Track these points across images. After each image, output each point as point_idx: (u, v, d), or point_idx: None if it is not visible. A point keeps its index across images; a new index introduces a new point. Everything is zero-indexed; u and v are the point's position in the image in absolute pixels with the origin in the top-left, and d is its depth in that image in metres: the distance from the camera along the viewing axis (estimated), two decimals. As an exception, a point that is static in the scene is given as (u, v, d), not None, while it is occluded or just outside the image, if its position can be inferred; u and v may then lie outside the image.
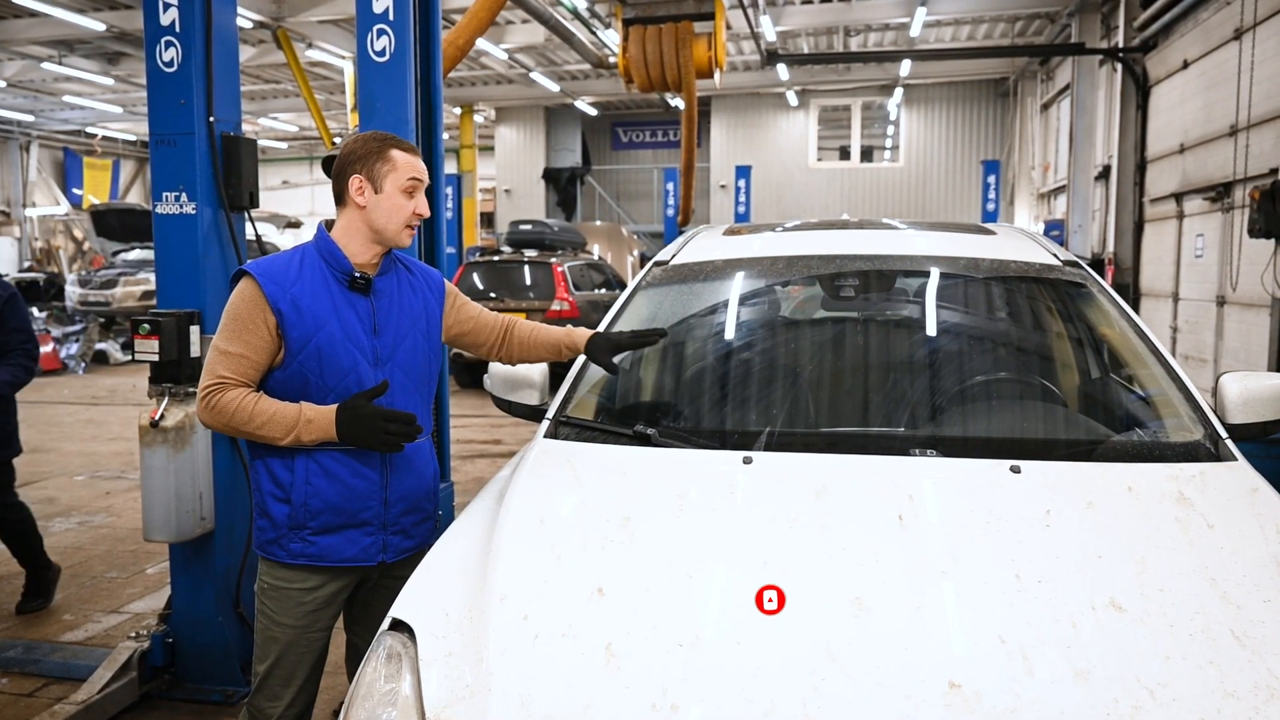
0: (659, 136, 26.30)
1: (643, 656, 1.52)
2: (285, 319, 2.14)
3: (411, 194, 2.23)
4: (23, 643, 4.05)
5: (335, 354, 2.16)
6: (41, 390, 12.46)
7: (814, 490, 1.98)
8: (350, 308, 2.21)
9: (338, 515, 2.21)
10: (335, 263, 2.22)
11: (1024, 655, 1.48)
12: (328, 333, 2.16)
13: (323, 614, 2.29)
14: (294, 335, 2.14)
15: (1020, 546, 1.75)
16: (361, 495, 2.23)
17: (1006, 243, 3.06)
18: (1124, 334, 2.65)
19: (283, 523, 2.22)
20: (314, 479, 2.19)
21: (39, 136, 26.67)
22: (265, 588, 2.28)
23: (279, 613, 2.26)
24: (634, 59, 11.12)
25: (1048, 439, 2.34)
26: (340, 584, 2.29)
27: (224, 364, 2.13)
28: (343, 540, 2.23)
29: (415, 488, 2.33)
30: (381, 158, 2.21)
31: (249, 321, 2.13)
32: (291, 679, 2.28)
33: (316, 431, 2.12)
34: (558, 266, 11.81)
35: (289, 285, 2.16)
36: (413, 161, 2.24)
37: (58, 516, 6.26)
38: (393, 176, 2.20)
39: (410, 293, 2.34)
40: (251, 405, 2.12)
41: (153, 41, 3.40)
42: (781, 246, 3.10)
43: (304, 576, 2.25)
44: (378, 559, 2.28)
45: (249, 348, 2.14)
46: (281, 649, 2.26)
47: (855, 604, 1.59)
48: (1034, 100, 19.59)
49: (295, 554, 2.22)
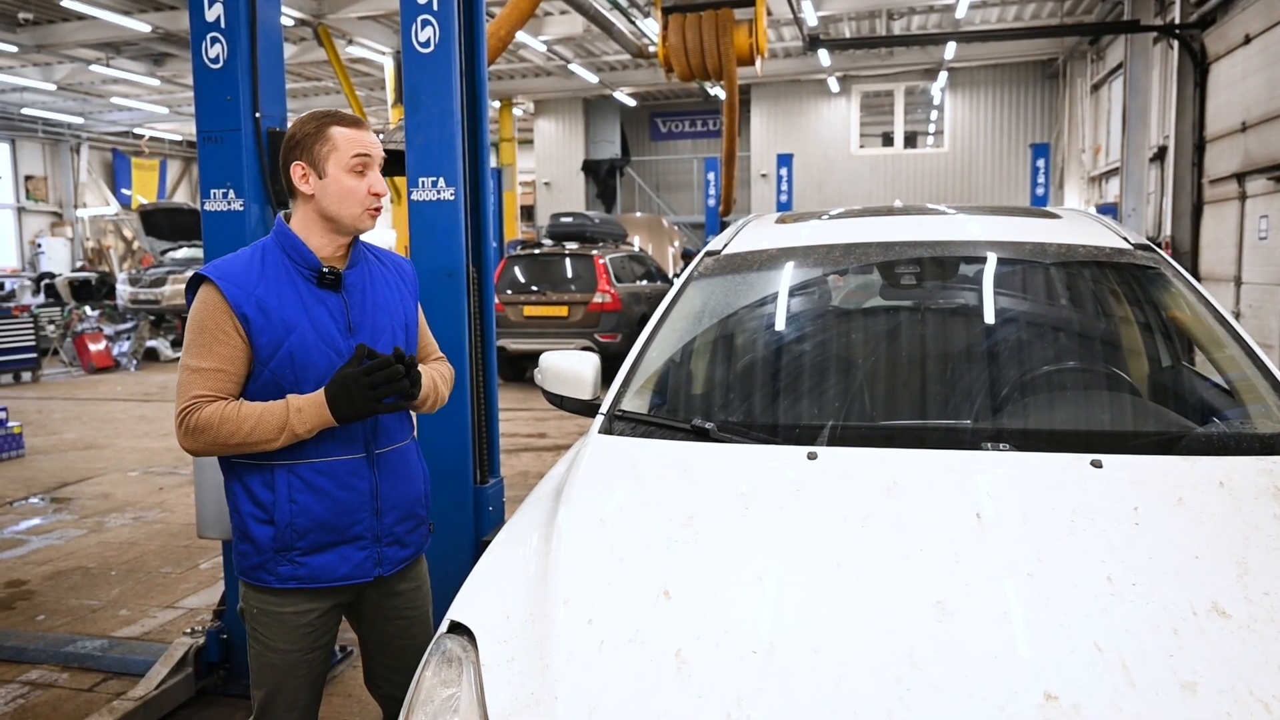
0: (698, 126, 26.15)
1: (714, 664, 1.45)
2: (252, 324, 1.95)
3: (361, 172, 2.01)
4: (81, 638, 4.08)
5: (310, 358, 1.99)
6: (96, 387, 12.70)
7: (884, 487, 1.89)
8: (321, 305, 2.02)
9: (328, 532, 2.04)
10: (300, 258, 2.02)
11: (1123, 664, 1.38)
12: (299, 335, 1.98)
13: (320, 634, 2.14)
14: (262, 341, 1.96)
15: (1110, 547, 1.65)
16: (351, 508, 2.05)
17: (1073, 226, 2.94)
18: (1203, 319, 2.52)
19: (267, 546, 2.03)
20: (298, 495, 2.01)
21: (89, 138, 27.24)
22: (254, 614, 2.10)
23: (273, 639, 2.09)
24: (674, 47, 11.02)
25: (1128, 431, 2.23)
26: (335, 601, 2.14)
27: (198, 383, 1.95)
28: (335, 558, 2.06)
29: (407, 493, 2.17)
30: (320, 138, 1.99)
31: (216, 331, 1.95)
32: (294, 704, 2.14)
33: (310, 419, 1.93)
34: (599, 259, 11.75)
35: (252, 287, 1.97)
36: (355, 136, 2.00)
37: (113, 512, 6.35)
38: (334, 157, 1.99)
39: (384, 285, 2.16)
40: (235, 413, 1.93)
41: (198, 38, 3.39)
42: (837, 233, 3.00)
43: (295, 599, 2.08)
44: (374, 574, 2.11)
45: (222, 359, 1.95)
46: (280, 675, 2.11)
47: (938, 608, 1.50)
48: (1084, 81, 19.14)
49: (284, 578, 2.04)
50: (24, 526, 6.07)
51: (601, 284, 11.51)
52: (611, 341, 11.13)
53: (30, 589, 4.85)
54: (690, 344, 2.80)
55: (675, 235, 19.83)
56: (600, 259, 11.76)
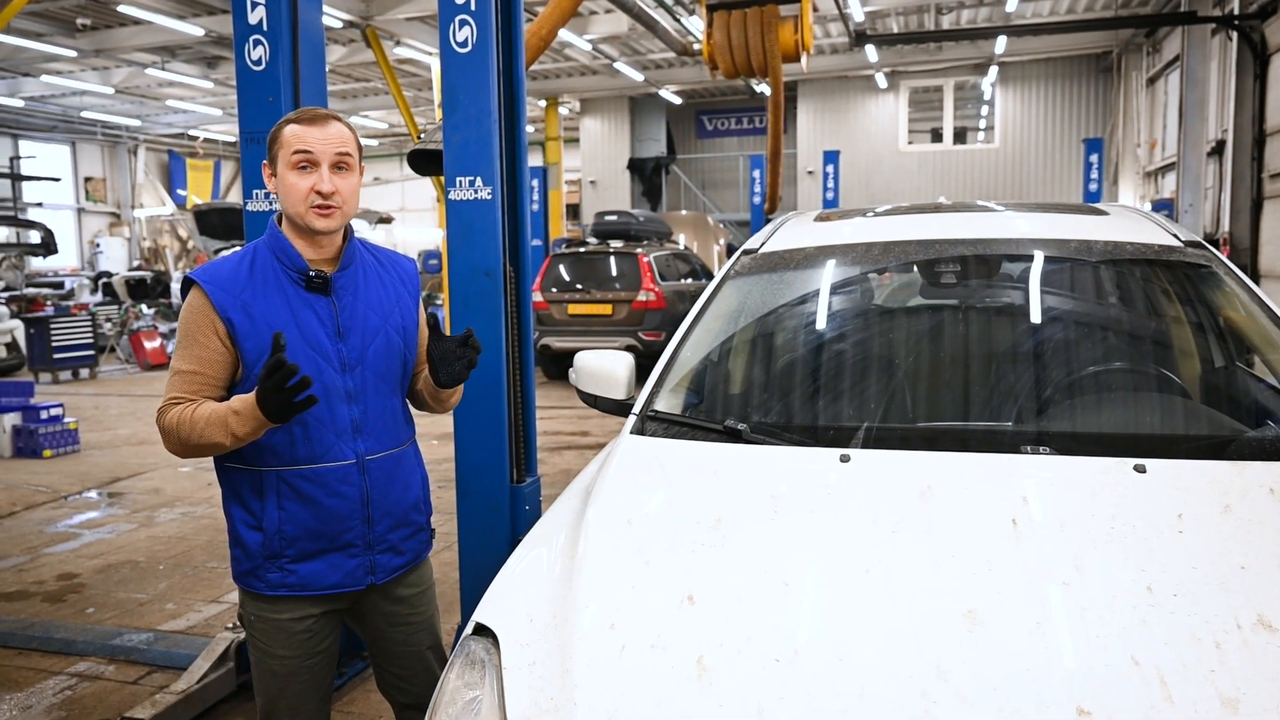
0: (744, 124, 26.00)
1: (736, 672, 1.42)
2: (237, 328, 1.93)
3: (304, 169, 1.94)
4: (127, 631, 4.17)
5: (296, 363, 1.89)
6: (150, 384, 12.99)
7: (918, 491, 1.84)
8: (309, 309, 1.99)
9: (316, 540, 2.02)
10: (289, 261, 2.00)
11: (1161, 680, 1.32)
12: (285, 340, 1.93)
13: (318, 639, 2.11)
14: (248, 346, 1.94)
15: (1151, 555, 1.59)
16: (340, 516, 2.02)
17: (1121, 223, 2.85)
18: (1257, 319, 2.43)
19: (257, 552, 2.02)
20: (286, 503, 1.99)
21: (145, 140, 27.93)
22: (251, 620, 2.10)
23: (271, 645, 2.08)
24: (719, 45, 10.97)
25: (1174, 434, 2.15)
26: (330, 608, 2.11)
27: (176, 385, 1.95)
28: (325, 566, 2.03)
29: (400, 500, 2.12)
30: (277, 139, 1.98)
31: (198, 334, 1.94)
32: (298, 712, 2.12)
33: (248, 420, 1.86)
34: (643, 257, 11.73)
35: (239, 291, 1.96)
36: (300, 134, 1.94)
37: (163, 507, 6.48)
38: (283, 155, 1.96)
39: (378, 286, 2.10)
40: (190, 414, 1.90)
41: (241, 40, 3.43)
42: (876, 231, 2.95)
43: (289, 606, 2.06)
44: (365, 582, 2.09)
45: (200, 362, 1.94)
46: (282, 682, 2.09)
47: (968, 618, 1.46)
48: (1139, 74, 18.68)
49: (274, 584, 2.03)
50: (77, 520, 6.23)
51: (646, 282, 11.49)
52: (655, 340, 11.10)
53: (81, 582, 4.96)
54: (725, 344, 2.77)
55: (720, 233, 19.73)
56: (644, 257, 11.74)
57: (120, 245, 27.00)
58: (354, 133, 2.04)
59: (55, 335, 12.99)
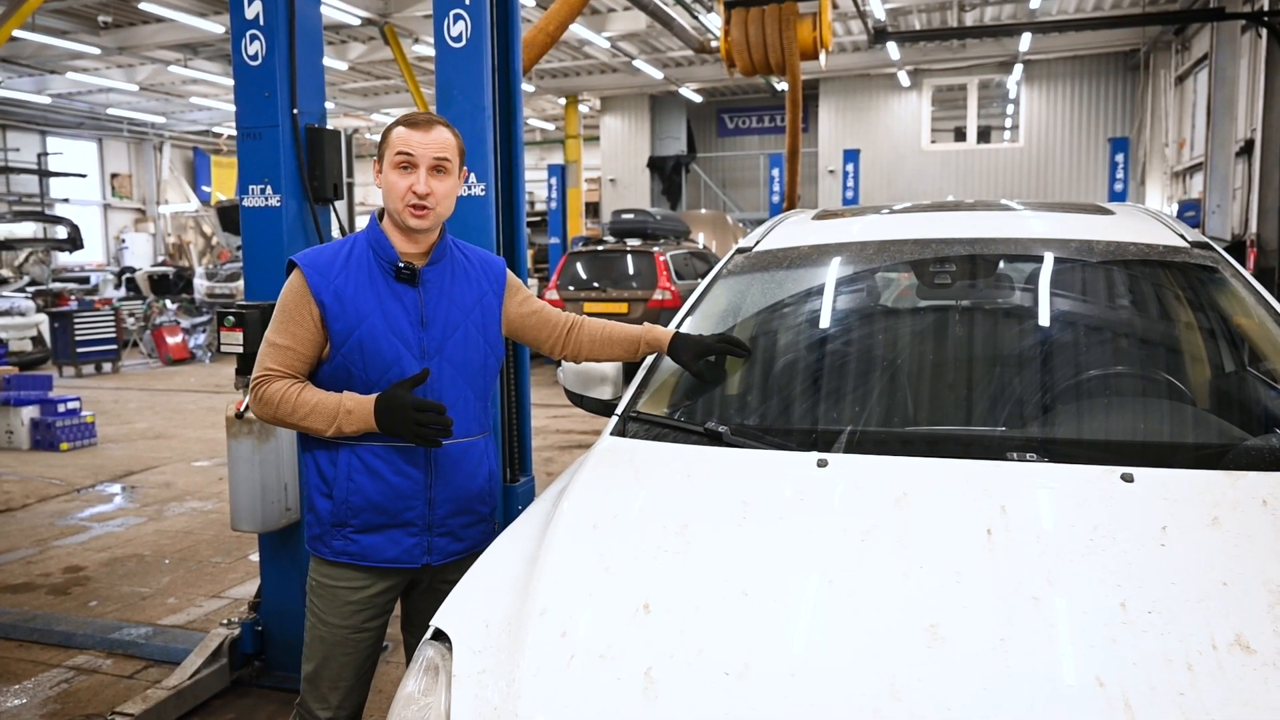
0: (765, 122, 25.86)
1: (684, 685, 1.37)
2: (328, 310, 2.09)
3: (404, 170, 2.10)
4: (127, 625, 4.18)
5: (378, 347, 2.10)
6: (171, 379, 13.10)
7: (893, 498, 1.78)
8: (396, 299, 2.13)
9: (379, 514, 2.15)
10: (382, 252, 2.15)
11: (1126, 702, 1.26)
12: (369, 325, 2.09)
13: (370, 614, 2.22)
14: (337, 328, 2.09)
15: (1129, 570, 1.52)
16: (404, 494, 2.15)
17: (1126, 223, 2.77)
18: (1265, 323, 2.35)
19: (326, 519, 2.17)
20: (356, 475, 2.13)
21: (171, 137, 28.20)
22: (314, 585, 2.24)
23: (326, 611, 2.21)
24: (736, 42, 10.87)
25: (1167, 442, 2.07)
26: (386, 584, 2.22)
27: (271, 356, 2.11)
28: (385, 540, 2.16)
29: (464, 489, 2.22)
30: (385, 139, 2.15)
31: (294, 313, 2.11)
32: (339, 682, 2.22)
33: (357, 422, 2.06)
34: (660, 255, 11.68)
35: (333, 276, 2.11)
36: (404, 136, 2.11)
37: (173, 501, 6.51)
38: (388, 155, 2.13)
39: (464, 283, 2.24)
40: (295, 396, 2.08)
41: (238, 36, 3.42)
42: (873, 230, 2.89)
43: (349, 575, 2.19)
44: (421, 561, 2.20)
45: (294, 339, 2.10)
46: (328, 649, 2.21)
47: (929, 633, 1.40)
48: (1168, 72, 18.39)
49: (337, 551, 2.18)
50: (88, 513, 6.27)
51: (662, 281, 11.44)
52: (669, 339, 11.03)
53: (87, 575, 4.99)
54: None
55: (739, 232, 19.63)
56: (661, 256, 11.69)
57: (145, 241, 27.29)
58: (457, 139, 2.18)
59: (79, 329, 13.11)
